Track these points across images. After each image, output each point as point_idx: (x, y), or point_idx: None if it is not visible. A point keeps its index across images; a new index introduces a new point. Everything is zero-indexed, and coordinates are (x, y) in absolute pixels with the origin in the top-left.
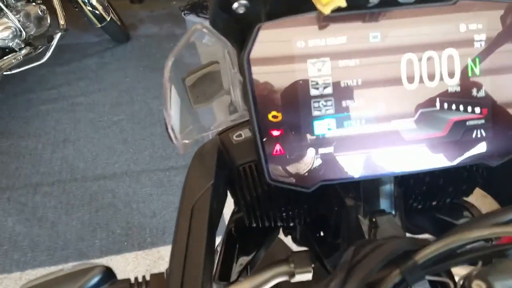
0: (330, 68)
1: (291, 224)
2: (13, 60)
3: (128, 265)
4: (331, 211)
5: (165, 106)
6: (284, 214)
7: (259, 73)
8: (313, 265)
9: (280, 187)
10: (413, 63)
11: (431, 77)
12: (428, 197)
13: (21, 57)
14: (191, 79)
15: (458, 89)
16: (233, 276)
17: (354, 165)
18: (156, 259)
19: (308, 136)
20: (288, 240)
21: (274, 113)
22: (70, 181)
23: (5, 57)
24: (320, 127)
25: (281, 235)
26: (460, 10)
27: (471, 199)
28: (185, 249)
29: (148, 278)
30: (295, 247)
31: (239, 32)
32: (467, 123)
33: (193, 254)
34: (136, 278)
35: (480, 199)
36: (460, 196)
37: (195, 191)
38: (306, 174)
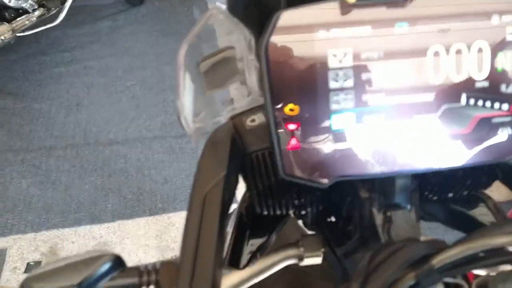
0: (352, 60)
1: (303, 212)
2: (26, 22)
3: (139, 229)
4: (344, 200)
5: (178, 94)
6: (296, 202)
7: (277, 62)
8: (323, 250)
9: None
10: (440, 56)
11: (458, 71)
12: (445, 189)
13: (35, 18)
14: (205, 64)
15: (486, 84)
16: (243, 262)
17: (372, 162)
18: (167, 225)
19: (325, 131)
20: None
21: (291, 105)
22: (83, 145)
23: (18, 18)
24: (338, 122)
25: None
26: (494, 1)
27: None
28: (197, 240)
29: (158, 266)
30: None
31: (258, 19)
32: (493, 120)
33: (204, 245)
34: (146, 266)
35: None
36: (478, 189)
37: (208, 181)
38: (322, 169)
